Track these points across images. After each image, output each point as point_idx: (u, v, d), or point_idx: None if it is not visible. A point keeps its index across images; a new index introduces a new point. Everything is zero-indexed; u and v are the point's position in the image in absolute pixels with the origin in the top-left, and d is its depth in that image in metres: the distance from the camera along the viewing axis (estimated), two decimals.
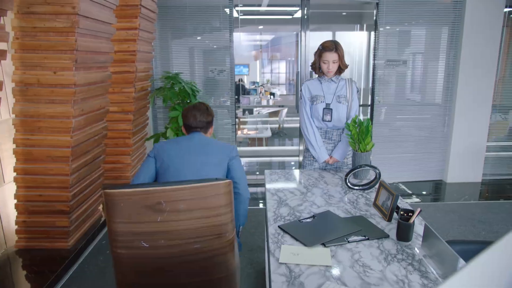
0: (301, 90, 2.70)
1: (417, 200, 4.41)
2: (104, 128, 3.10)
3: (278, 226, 1.82)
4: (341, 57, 2.53)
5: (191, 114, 2.23)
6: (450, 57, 4.72)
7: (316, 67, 2.59)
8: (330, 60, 2.50)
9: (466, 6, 4.45)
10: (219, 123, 4.83)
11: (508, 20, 4.76)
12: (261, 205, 4.30)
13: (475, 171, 4.92)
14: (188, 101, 4.11)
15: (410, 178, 4.98)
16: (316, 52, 2.58)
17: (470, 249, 1.99)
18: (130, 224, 1.47)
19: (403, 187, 4.80)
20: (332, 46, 2.49)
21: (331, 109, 2.58)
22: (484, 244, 2.17)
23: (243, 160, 6.18)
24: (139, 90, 3.81)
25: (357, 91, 2.65)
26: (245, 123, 7.73)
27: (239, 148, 4.98)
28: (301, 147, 5.03)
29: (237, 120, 5.26)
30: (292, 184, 2.42)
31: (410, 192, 4.64)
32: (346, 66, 2.59)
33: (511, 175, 5.16)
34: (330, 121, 2.60)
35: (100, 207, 3.43)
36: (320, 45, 2.55)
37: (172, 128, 4.05)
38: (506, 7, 4.53)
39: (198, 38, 4.67)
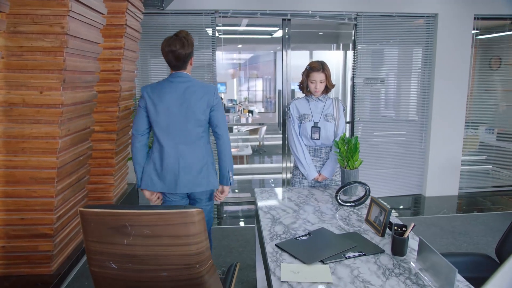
0: (289, 109, 2.76)
1: (396, 214, 4.51)
2: (89, 148, 3.04)
3: (275, 245, 1.84)
4: (328, 77, 2.61)
5: (169, 50, 2.22)
6: (425, 76, 4.94)
7: (304, 86, 2.67)
8: (318, 80, 2.58)
9: (437, 28, 4.71)
10: None
11: (476, 41, 5.05)
12: (241, 223, 4.29)
13: (452, 185, 5.10)
14: None
15: (390, 193, 5.10)
16: (303, 72, 2.66)
17: (457, 261, 2.06)
18: (100, 244, 1.48)
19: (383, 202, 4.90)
20: (319, 66, 2.57)
21: (319, 127, 2.64)
22: (469, 256, 2.25)
23: None
24: (123, 109, 3.77)
25: (343, 110, 2.73)
26: None
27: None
28: (284, 165, 5.08)
29: None
30: (283, 202, 2.44)
31: (390, 206, 4.74)
32: (333, 86, 2.67)
33: (484, 188, 5.39)
34: (319, 139, 2.66)
35: None
36: (308, 65, 2.63)
37: None
38: (473, 29, 4.82)
39: None
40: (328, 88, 2.66)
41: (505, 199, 5.14)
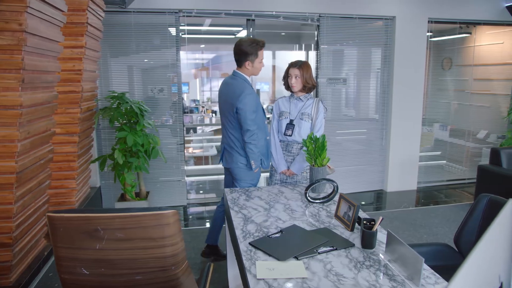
0: (272, 106, 2.95)
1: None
2: (50, 152, 2.91)
3: (249, 243, 1.85)
4: (303, 74, 2.73)
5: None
6: (384, 75, 5.15)
7: (286, 81, 2.86)
8: (293, 74, 2.76)
9: (395, 30, 4.92)
10: (165, 142, 4.76)
11: (429, 43, 5.32)
12: (207, 224, 4.26)
13: (411, 180, 5.35)
14: (136, 120, 4.00)
15: (353, 189, 5.27)
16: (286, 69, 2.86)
17: (420, 251, 2.17)
18: (71, 249, 1.44)
19: None
20: (297, 63, 2.77)
21: (294, 125, 2.79)
22: (431, 246, 2.38)
23: (191, 179, 6.11)
24: (85, 110, 3.63)
25: (326, 110, 2.86)
26: (189, 141, 7.64)
27: (186, 167, 4.93)
28: None
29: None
30: (254, 201, 2.46)
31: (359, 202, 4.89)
32: (310, 84, 2.80)
33: (439, 182, 5.70)
34: (291, 135, 2.80)
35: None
36: (289, 63, 2.84)
37: (120, 149, 3.90)
38: (428, 32, 5.08)
39: (142, 56, 4.59)
40: (306, 87, 2.80)
41: (458, 191, 5.47)
